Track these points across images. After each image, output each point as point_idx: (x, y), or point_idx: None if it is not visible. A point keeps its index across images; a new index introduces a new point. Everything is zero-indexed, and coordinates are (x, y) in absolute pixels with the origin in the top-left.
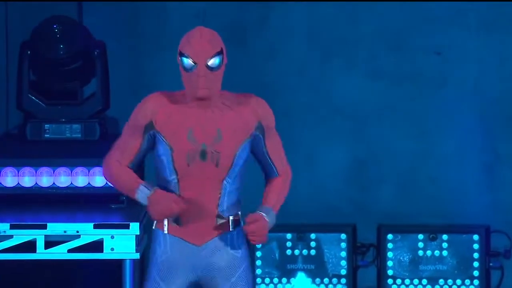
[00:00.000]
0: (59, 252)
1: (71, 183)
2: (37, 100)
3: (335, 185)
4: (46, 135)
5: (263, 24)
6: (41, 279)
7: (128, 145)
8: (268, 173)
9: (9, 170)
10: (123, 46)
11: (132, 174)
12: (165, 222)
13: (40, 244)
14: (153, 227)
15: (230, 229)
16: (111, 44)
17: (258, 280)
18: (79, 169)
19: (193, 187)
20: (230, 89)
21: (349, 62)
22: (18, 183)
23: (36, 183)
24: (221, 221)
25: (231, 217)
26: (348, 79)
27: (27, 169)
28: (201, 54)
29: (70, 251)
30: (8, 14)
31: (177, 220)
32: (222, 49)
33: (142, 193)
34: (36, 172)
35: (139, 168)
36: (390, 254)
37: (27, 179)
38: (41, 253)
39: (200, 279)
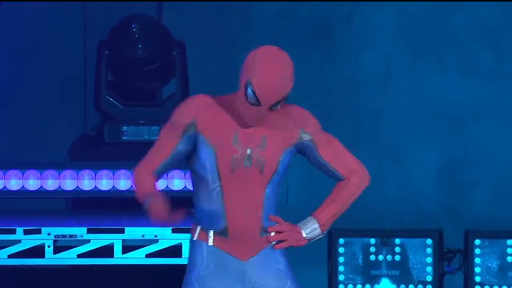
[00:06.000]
0: (137, 257)
1: None
2: (114, 101)
3: (424, 188)
4: (124, 137)
5: (349, 21)
6: (118, 285)
7: (161, 148)
8: (335, 179)
9: (86, 173)
10: (203, 46)
11: (151, 184)
12: (211, 233)
13: (118, 248)
14: (194, 238)
15: (272, 242)
16: (191, 44)
17: (341, 286)
18: None
19: (237, 195)
20: (314, 87)
21: (442, 60)
22: (96, 186)
23: (113, 186)
24: (264, 233)
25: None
26: (440, 78)
27: (104, 172)
28: (270, 98)
29: (148, 256)
30: (86, 13)
31: (223, 231)
32: (290, 89)
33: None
34: (113, 175)
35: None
36: (477, 260)
37: (105, 182)
38: (119, 258)
39: None
